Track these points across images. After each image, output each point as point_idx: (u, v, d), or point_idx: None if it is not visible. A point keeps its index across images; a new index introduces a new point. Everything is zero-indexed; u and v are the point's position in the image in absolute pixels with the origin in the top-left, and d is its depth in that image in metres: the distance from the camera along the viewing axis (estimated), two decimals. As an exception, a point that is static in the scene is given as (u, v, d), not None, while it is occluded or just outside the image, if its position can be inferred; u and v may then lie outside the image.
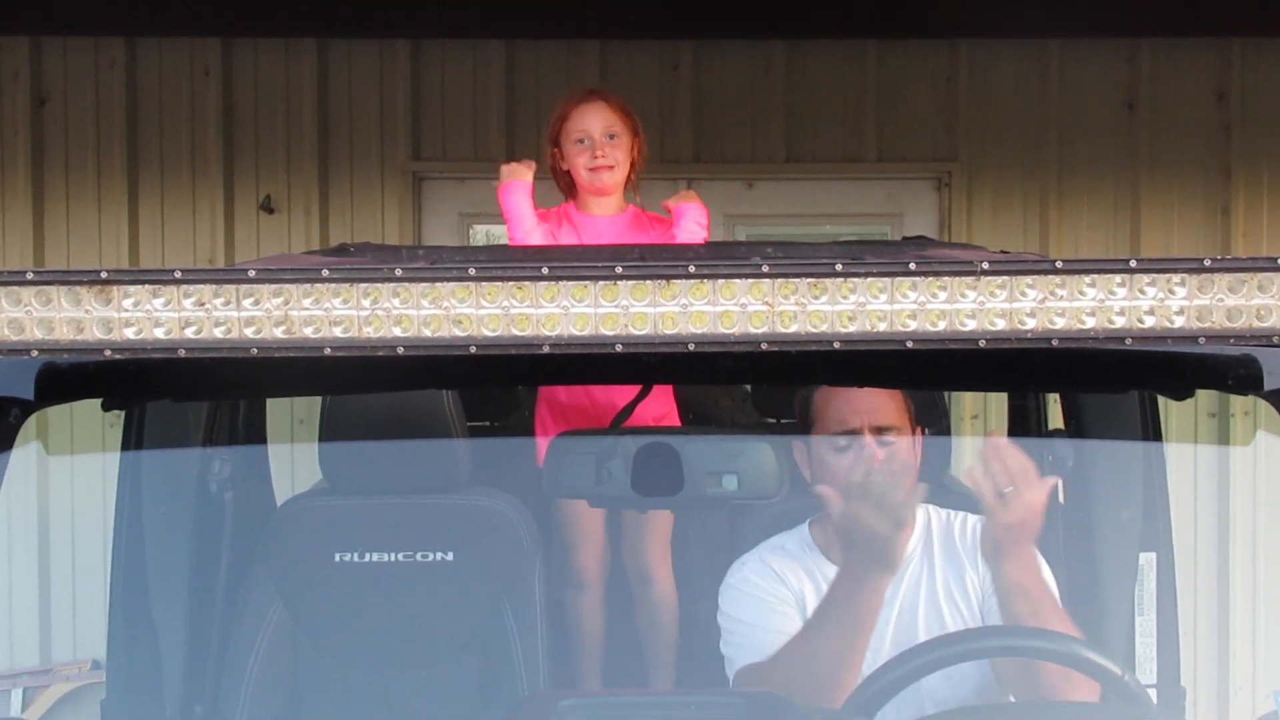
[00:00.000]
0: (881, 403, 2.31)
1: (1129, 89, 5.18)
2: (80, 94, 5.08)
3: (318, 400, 2.92)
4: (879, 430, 2.29)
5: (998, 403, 4.55)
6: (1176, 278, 1.48)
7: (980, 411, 5.09)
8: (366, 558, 2.73)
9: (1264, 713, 1.74)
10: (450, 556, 2.74)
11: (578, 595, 3.47)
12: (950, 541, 2.39)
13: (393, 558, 2.73)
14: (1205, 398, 5.07)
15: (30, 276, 1.44)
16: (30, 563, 5.06)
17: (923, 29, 5.04)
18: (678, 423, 3.51)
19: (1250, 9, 4.75)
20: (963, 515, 2.43)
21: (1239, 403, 5.06)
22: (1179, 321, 1.48)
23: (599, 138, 3.43)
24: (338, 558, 2.74)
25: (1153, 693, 2.63)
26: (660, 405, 3.40)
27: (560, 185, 3.58)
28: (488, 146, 5.16)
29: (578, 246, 3.35)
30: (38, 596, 5.06)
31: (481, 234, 5.36)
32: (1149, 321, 1.48)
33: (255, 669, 2.70)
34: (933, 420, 2.68)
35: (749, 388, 4.01)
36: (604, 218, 3.50)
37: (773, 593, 2.37)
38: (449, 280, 1.46)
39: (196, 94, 5.09)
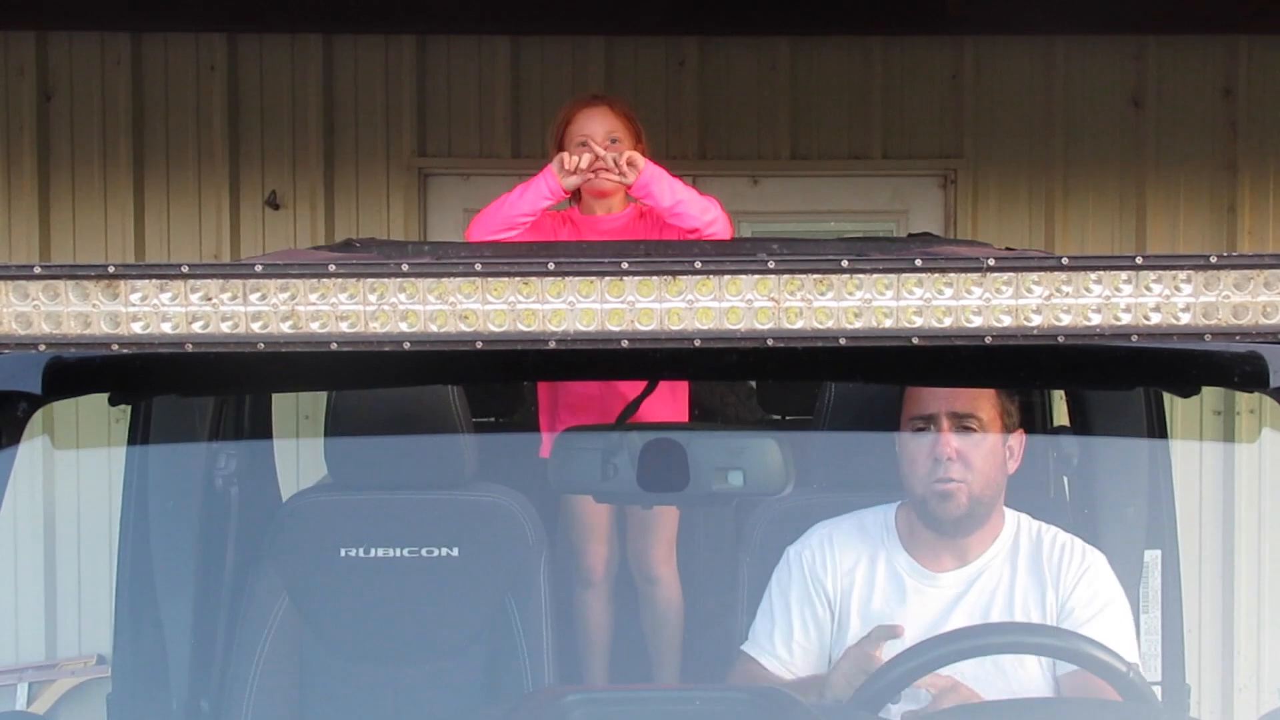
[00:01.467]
0: (965, 390, 2.31)
1: (1135, 86, 5.17)
2: (86, 89, 5.08)
3: (323, 396, 2.92)
4: (957, 416, 2.30)
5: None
6: (1182, 274, 1.48)
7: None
8: (372, 553, 2.74)
9: (1269, 710, 1.74)
10: (455, 552, 2.74)
11: (584, 592, 3.48)
12: (1037, 555, 2.38)
13: (398, 553, 2.74)
14: (1211, 395, 5.07)
15: (38, 271, 1.44)
16: (36, 557, 5.07)
17: (929, 26, 5.03)
18: (686, 418, 3.52)
19: (1256, 5, 4.74)
20: (1054, 531, 2.42)
21: (1245, 400, 5.06)
22: (1185, 318, 1.48)
23: (601, 141, 3.44)
24: (343, 553, 2.74)
25: (1157, 690, 2.64)
26: (670, 402, 3.41)
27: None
28: (493, 142, 5.16)
29: (584, 242, 3.35)
30: (43, 591, 5.07)
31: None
32: (1155, 318, 1.47)
33: (261, 663, 2.70)
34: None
35: (754, 384, 4.02)
36: (606, 217, 3.51)
37: (806, 585, 2.39)
38: (455, 276, 1.46)
39: (202, 89, 5.09)
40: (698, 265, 1.46)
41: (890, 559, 2.39)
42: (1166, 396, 2.82)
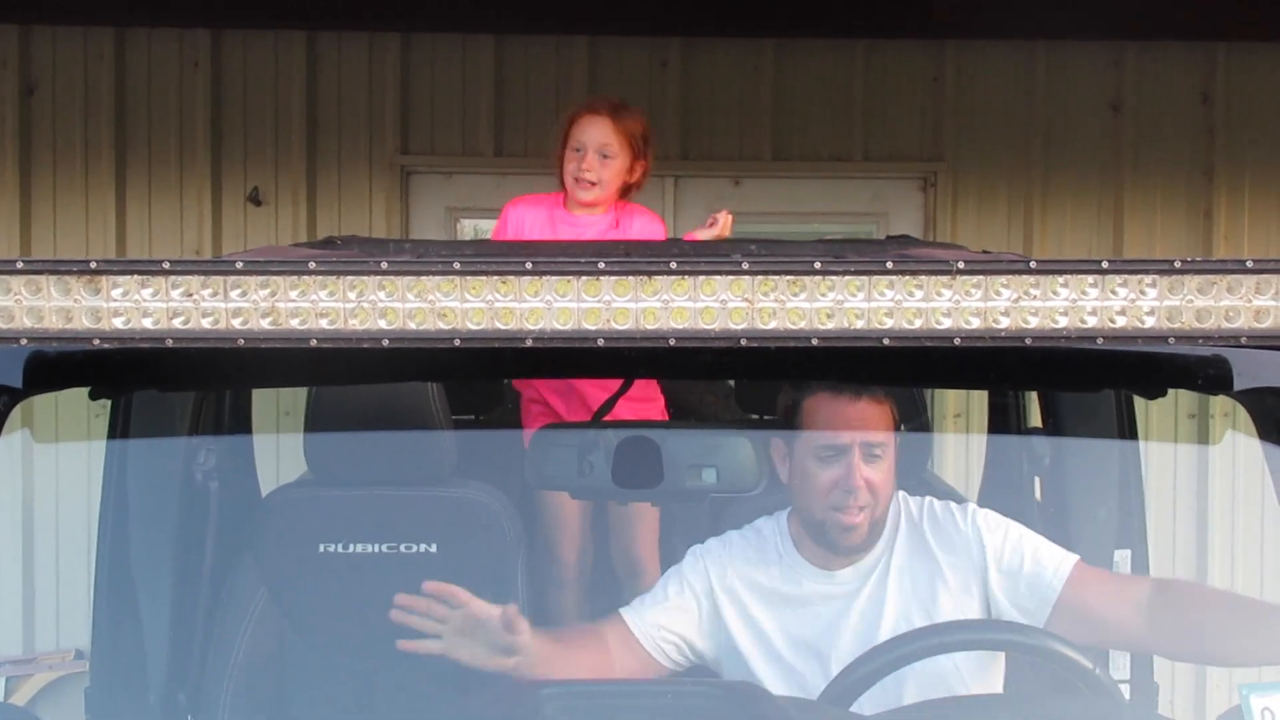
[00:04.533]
0: (872, 416, 2.30)
1: (1114, 91, 5.21)
2: (69, 84, 5.08)
3: (303, 392, 2.93)
4: (869, 447, 2.29)
5: (979, 401, 4.59)
6: (1148, 279, 1.51)
7: (963, 410, 5.13)
8: (350, 549, 2.74)
9: (1228, 708, 1.77)
10: (434, 548, 2.75)
11: (562, 591, 3.49)
12: (918, 531, 2.40)
13: (376, 549, 2.75)
14: (1185, 398, 5.11)
15: (20, 266, 1.46)
16: (14, 551, 5.06)
17: (910, 29, 5.07)
18: (664, 416, 3.54)
19: (1234, 13, 4.79)
20: (929, 501, 2.44)
21: (1218, 404, 5.10)
22: (1149, 322, 1.51)
23: (592, 153, 3.46)
24: (322, 548, 2.75)
25: (1125, 688, 2.67)
26: (645, 400, 3.43)
27: (561, 182, 3.63)
28: (476, 141, 5.18)
29: (562, 242, 3.38)
30: (21, 585, 5.07)
31: (469, 228, 5.37)
32: (1120, 321, 1.51)
33: (239, 658, 2.71)
34: (911, 417, 2.71)
35: (731, 383, 4.04)
36: (585, 217, 3.55)
37: (692, 578, 2.40)
38: (434, 274, 1.48)
39: (185, 85, 5.09)
40: (673, 265, 1.49)
41: (785, 560, 2.40)
42: (1140, 399, 2.86)
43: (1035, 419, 3.12)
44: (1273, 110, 5.19)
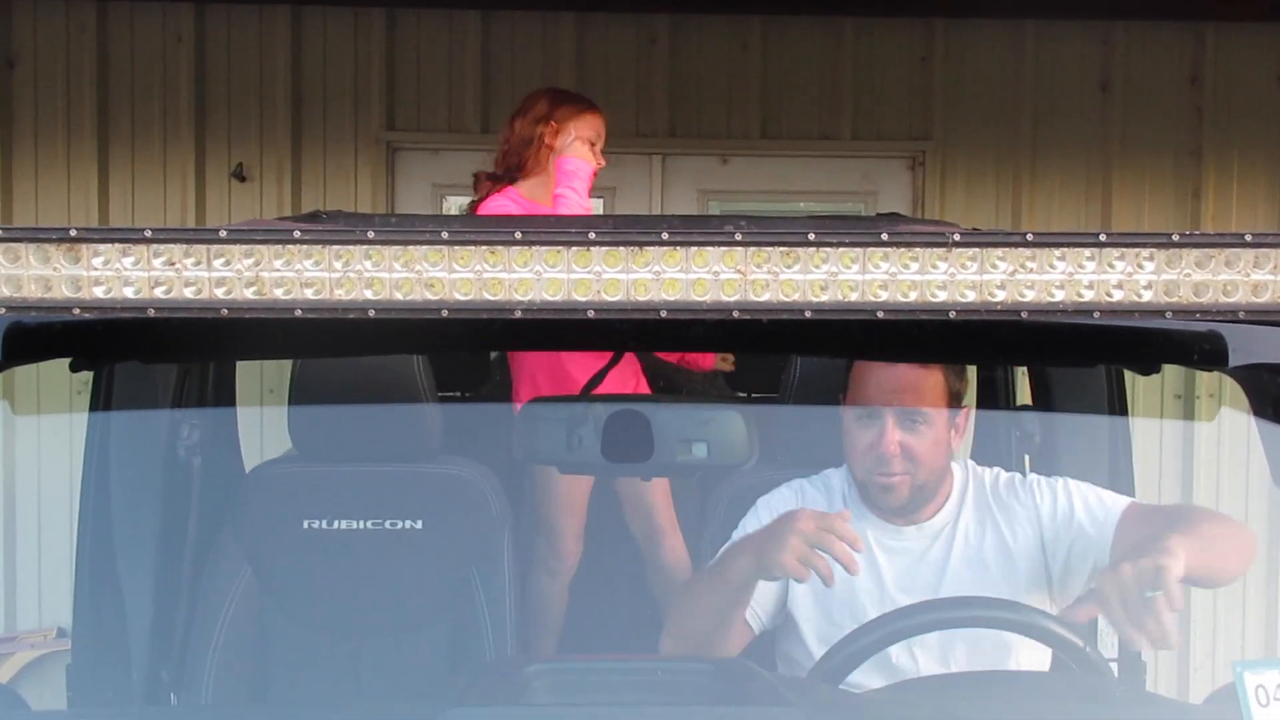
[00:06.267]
0: (911, 381, 2.29)
1: (1103, 71, 5.20)
2: (50, 57, 5.02)
3: (288, 370, 2.91)
4: (904, 414, 2.28)
5: (969, 376, 4.57)
6: (1145, 252, 1.49)
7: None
8: (335, 525, 2.73)
9: (1223, 684, 1.77)
10: (419, 525, 2.74)
11: (559, 566, 3.48)
12: (985, 499, 2.41)
13: (361, 525, 2.73)
14: (1172, 379, 5.12)
15: (-2, 233, 1.43)
16: (-4, 529, 5.04)
17: (899, 8, 5.04)
18: (647, 390, 3.54)
19: (1224, -7, 4.78)
20: (998, 471, 2.46)
21: (1205, 385, 5.11)
22: (1146, 296, 1.49)
23: (599, 146, 3.64)
24: (306, 525, 2.73)
25: (1114, 666, 2.67)
26: (627, 376, 3.42)
27: (515, 161, 3.60)
28: (462, 118, 5.14)
29: (551, 215, 3.37)
30: (2, 563, 5.03)
31: (455, 206, 5.33)
32: (1117, 295, 1.49)
33: (222, 635, 2.69)
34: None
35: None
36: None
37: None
38: (421, 243, 1.45)
39: (168, 60, 5.04)
40: (665, 236, 1.46)
41: (855, 514, 2.37)
42: (1128, 378, 2.85)
43: (1025, 396, 3.11)
44: (1261, 91, 5.19)
